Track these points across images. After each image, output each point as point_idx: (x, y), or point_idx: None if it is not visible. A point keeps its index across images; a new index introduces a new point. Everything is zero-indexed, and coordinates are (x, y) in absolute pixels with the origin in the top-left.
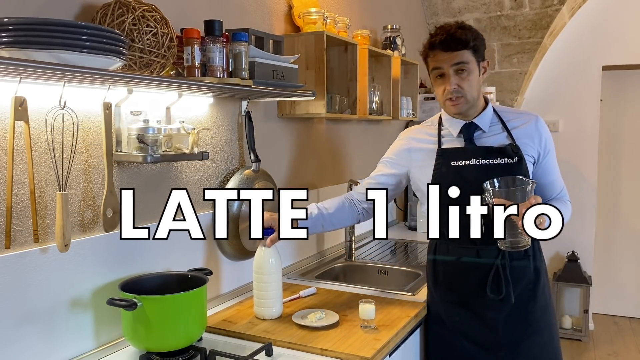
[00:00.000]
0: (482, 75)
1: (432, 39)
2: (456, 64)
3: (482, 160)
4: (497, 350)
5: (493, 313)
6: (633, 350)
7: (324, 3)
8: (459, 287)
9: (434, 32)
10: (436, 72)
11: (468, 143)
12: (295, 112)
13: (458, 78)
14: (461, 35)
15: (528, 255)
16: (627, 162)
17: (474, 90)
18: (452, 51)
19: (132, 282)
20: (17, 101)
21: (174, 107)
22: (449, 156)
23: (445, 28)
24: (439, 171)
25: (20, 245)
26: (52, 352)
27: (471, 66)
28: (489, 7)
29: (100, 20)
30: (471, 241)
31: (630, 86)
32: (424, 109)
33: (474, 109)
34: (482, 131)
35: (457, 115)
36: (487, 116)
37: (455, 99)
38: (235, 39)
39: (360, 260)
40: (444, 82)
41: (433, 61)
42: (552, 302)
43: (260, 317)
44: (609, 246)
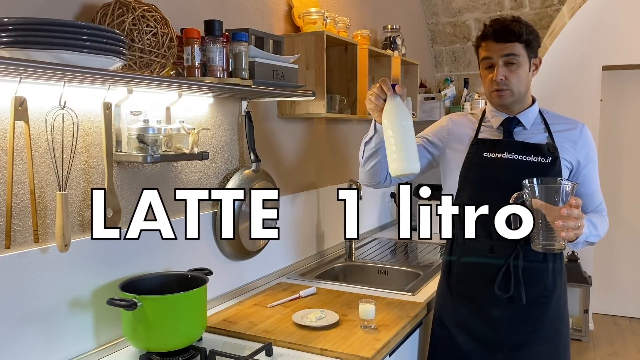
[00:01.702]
0: (532, 71)
1: (485, 29)
2: (506, 55)
3: (515, 155)
4: (497, 351)
5: (499, 312)
6: (633, 350)
7: (324, 3)
8: (471, 281)
9: (489, 24)
10: (486, 62)
11: (506, 136)
12: (295, 112)
13: (506, 70)
14: (515, 27)
15: (547, 259)
16: (627, 162)
17: (522, 84)
18: (504, 42)
19: (132, 282)
20: (17, 101)
21: (174, 107)
22: (483, 146)
23: (500, 20)
24: (470, 160)
25: (20, 245)
26: (52, 352)
27: (521, 60)
28: (489, 7)
29: (100, 20)
30: (488, 236)
31: (630, 86)
32: (424, 109)
33: (519, 104)
34: (524, 127)
35: (502, 109)
36: (532, 114)
37: (501, 91)
38: (235, 39)
39: (360, 260)
40: (492, 72)
41: (484, 51)
42: (566, 313)
43: (406, 172)
44: (609, 246)
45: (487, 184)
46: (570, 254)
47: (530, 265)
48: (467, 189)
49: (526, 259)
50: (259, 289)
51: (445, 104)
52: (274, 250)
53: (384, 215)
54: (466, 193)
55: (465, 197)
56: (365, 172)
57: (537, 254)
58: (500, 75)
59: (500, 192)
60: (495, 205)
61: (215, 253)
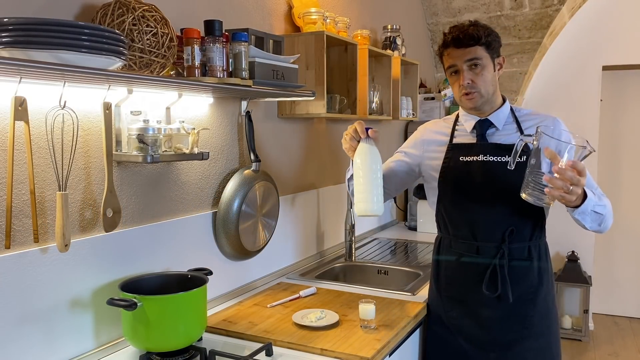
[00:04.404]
0: (497, 71)
1: (445, 37)
2: (469, 60)
3: (490, 157)
4: (490, 350)
5: (489, 311)
6: (633, 350)
7: (324, 3)
8: (459, 283)
9: (448, 31)
10: (451, 69)
11: (480, 139)
12: (295, 112)
13: (471, 73)
14: (473, 32)
15: (531, 257)
16: (627, 162)
17: (488, 85)
18: (465, 47)
19: (132, 282)
20: (17, 101)
21: (174, 107)
22: (459, 151)
23: (458, 26)
24: (447, 165)
25: (20, 245)
26: (52, 352)
27: (484, 62)
28: (489, 7)
29: (100, 20)
30: (472, 237)
31: (630, 86)
32: (424, 109)
33: (489, 105)
34: (496, 129)
35: (473, 111)
36: (503, 114)
37: (469, 94)
38: (235, 39)
39: (360, 260)
40: (458, 78)
41: (448, 59)
42: (554, 310)
43: (368, 213)
44: (609, 246)
45: (466, 187)
46: (570, 253)
47: (515, 264)
48: (447, 193)
49: (511, 258)
50: (259, 289)
51: (445, 104)
52: (273, 250)
53: (384, 215)
54: (447, 197)
55: (447, 201)
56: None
57: (522, 253)
58: (466, 80)
59: (480, 194)
60: (477, 207)
61: (215, 253)
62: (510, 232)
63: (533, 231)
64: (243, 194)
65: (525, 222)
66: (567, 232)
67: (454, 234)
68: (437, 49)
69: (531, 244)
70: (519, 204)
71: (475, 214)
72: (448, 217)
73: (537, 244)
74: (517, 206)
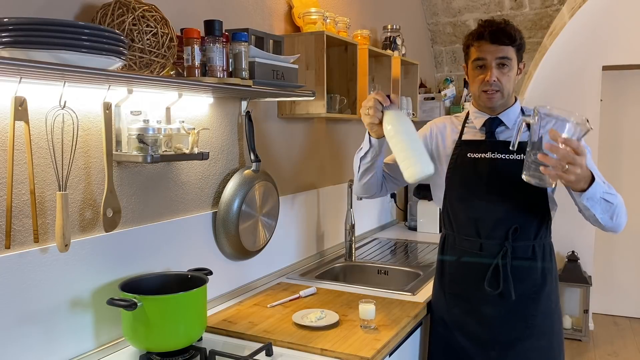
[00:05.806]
0: (518, 75)
1: (480, 29)
2: (500, 58)
3: (497, 155)
4: (491, 349)
5: (491, 309)
6: (633, 350)
7: (324, 3)
8: (462, 280)
9: (483, 24)
10: (478, 62)
11: (489, 137)
12: (295, 112)
13: (499, 72)
14: (510, 31)
15: (535, 257)
16: (627, 162)
17: (510, 87)
18: (500, 44)
19: (132, 282)
20: (17, 101)
21: (174, 107)
22: (467, 147)
23: (494, 22)
24: (455, 161)
25: (20, 245)
26: (52, 352)
27: (513, 63)
28: (489, 7)
29: (100, 20)
30: (476, 234)
31: (630, 86)
32: (424, 109)
33: (503, 105)
34: (506, 127)
35: (486, 109)
36: (513, 113)
37: (491, 92)
38: (235, 39)
39: (360, 260)
40: (483, 72)
41: (477, 51)
42: (558, 310)
43: (424, 174)
44: (609, 246)
45: (473, 184)
46: (570, 253)
47: (518, 262)
48: (454, 189)
49: (514, 256)
50: (259, 289)
51: (445, 104)
52: (274, 250)
53: (384, 215)
54: (454, 193)
55: (453, 197)
56: (362, 185)
57: (525, 251)
58: (493, 77)
59: (486, 191)
60: (483, 204)
61: (215, 253)
62: (514, 230)
63: (538, 230)
64: (243, 194)
65: (530, 221)
66: (567, 232)
67: (458, 230)
68: (466, 38)
69: (536, 243)
70: (525, 202)
71: (480, 211)
72: (453, 213)
73: (541, 244)
74: (522, 204)
